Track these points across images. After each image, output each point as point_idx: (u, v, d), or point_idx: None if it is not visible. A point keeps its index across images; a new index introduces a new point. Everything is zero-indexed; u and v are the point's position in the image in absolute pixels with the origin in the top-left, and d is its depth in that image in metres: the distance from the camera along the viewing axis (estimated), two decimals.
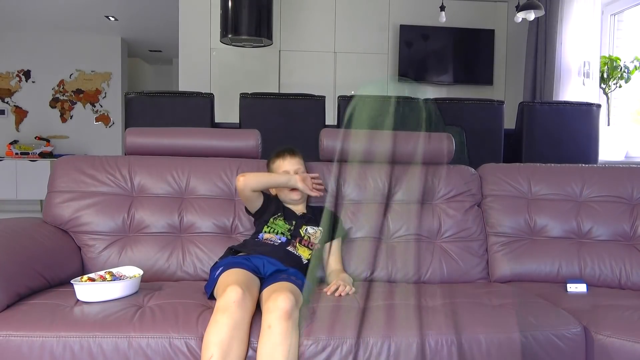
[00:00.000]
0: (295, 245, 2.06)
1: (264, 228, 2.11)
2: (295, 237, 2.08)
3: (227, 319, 1.54)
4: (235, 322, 1.55)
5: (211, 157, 2.42)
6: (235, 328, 1.54)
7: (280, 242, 2.05)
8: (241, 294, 1.59)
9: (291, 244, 2.06)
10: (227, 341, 1.51)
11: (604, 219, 2.35)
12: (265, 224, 2.12)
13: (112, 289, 1.74)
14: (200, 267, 2.17)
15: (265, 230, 2.11)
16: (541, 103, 3.87)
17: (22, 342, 1.52)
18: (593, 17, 4.47)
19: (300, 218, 2.16)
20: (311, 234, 2.12)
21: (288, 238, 2.07)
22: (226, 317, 1.54)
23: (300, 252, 2.05)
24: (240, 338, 1.55)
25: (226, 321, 1.54)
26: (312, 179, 2.21)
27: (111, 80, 8.56)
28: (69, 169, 2.26)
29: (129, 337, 1.55)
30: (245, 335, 1.57)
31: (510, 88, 6.36)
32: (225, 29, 4.74)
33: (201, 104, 3.62)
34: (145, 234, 2.21)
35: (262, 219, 2.15)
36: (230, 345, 1.52)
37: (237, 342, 1.54)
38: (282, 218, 2.14)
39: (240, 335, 1.56)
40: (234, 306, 1.56)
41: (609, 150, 4.26)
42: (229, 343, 1.52)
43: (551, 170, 2.49)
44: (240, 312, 1.57)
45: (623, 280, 2.22)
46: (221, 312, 1.55)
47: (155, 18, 7.37)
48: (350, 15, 6.21)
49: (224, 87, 5.93)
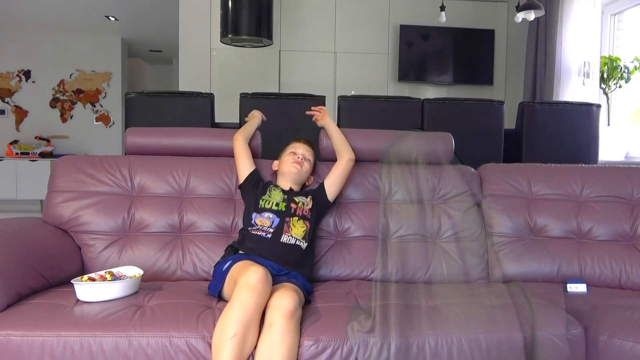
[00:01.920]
0: (290, 226, 2.05)
1: (260, 202, 2.12)
2: (290, 207, 2.09)
3: (253, 298, 1.55)
4: (258, 303, 1.56)
5: (211, 157, 2.43)
6: (257, 310, 1.55)
7: (274, 230, 2.03)
8: (265, 275, 1.61)
9: (285, 226, 2.04)
10: (249, 322, 1.53)
11: (604, 219, 2.35)
12: (262, 195, 2.14)
13: (112, 289, 1.74)
14: (200, 267, 2.17)
15: (262, 202, 2.11)
16: (541, 103, 3.86)
17: (22, 342, 1.52)
18: (593, 17, 4.47)
19: (289, 191, 2.18)
20: (305, 202, 2.16)
21: (282, 210, 2.08)
22: (251, 296, 1.55)
23: (295, 232, 2.05)
24: (257, 322, 1.56)
25: (252, 300, 1.54)
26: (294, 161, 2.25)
27: (111, 80, 8.55)
28: (69, 168, 2.27)
29: (129, 336, 1.56)
30: (258, 323, 1.58)
31: (510, 88, 6.35)
32: (225, 29, 4.74)
33: (201, 104, 3.62)
34: (145, 233, 2.21)
35: (253, 192, 2.17)
36: (250, 328, 1.53)
37: (255, 325, 1.55)
38: (276, 189, 2.18)
39: (257, 319, 1.57)
40: (260, 286, 1.57)
41: (609, 150, 4.26)
42: (250, 325, 1.53)
43: (551, 170, 2.49)
44: (264, 293, 1.58)
45: (623, 280, 2.22)
46: (246, 290, 1.56)
47: (156, 18, 7.37)
48: (351, 15, 6.20)
49: (224, 87, 5.93)
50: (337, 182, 2.26)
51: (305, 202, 2.15)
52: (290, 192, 2.18)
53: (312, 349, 1.57)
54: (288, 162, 2.23)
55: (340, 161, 2.29)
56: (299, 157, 2.24)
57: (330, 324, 1.64)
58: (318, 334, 1.60)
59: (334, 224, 2.32)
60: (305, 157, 2.26)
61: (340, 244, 2.30)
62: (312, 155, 2.33)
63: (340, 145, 2.33)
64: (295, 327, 1.57)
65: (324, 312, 1.72)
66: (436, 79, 6.32)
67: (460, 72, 6.33)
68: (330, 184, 2.25)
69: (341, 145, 2.33)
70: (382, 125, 3.57)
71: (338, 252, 2.27)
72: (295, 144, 2.33)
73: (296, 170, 2.21)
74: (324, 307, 1.77)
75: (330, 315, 1.70)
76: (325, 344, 1.58)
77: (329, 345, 1.58)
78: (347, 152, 2.30)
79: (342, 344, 1.58)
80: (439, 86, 6.38)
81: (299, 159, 2.23)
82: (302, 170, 2.22)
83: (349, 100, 3.73)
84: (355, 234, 2.32)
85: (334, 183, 2.25)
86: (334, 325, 1.63)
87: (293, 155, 2.25)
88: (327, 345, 1.58)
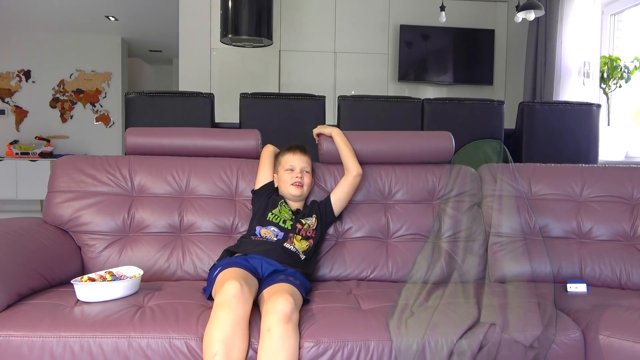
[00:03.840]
0: (292, 240, 2.06)
1: (268, 215, 2.11)
2: (295, 227, 2.09)
3: (228, 315, 1.53)
4: (237, 317, 1.54)
5: (211, 157, 2.42)
6: (236, 323, 1.53)
7: (277, 239, 2.05)
8: (239, 288, 1.58)
9: (289, 238, 2.06)
10: (230, 337, 1.51)
11: (604, 219, 2.35)
12: (273, 209, 2.13)
13: (113, 289, 1.74)
14: (200, 267, 2.16)
15: (270, 216, 2.11)
16: (541, 103, 3.86)
17: (22, 342, 1.52)
18: (593, 17, 4.47)
19: (295, 213, 2.16)
20: (310, 223, 2.14)
21: (288, 228, 2.07)
22: (227, 312, 1.53)
23: (297, 245, 2.05)
24: (242, 334, 1.54)
25: (227, 317, 1.53)
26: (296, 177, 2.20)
27: (111, 80, 8.55)
28: (69, 168, 2.26)
29: (129, 337, 1.56)
30: (246, 331, 1.56)
31: (510, 88, 6.35)
32: (225, 29, 4.74)
33: (201, 104, 3.62)
34: (145, 233, 2.20)
35: (264, 201, 2.17)
36: (234, 342, 1.51)
37: (239, 337, 1.53)
38: (285, 205, 2.15)
39: (242, 330, 1.55)
40: (234, 300, 1.56)
41: (609, 150, 4.26)
42: (232, 339, 1.51)
43: (551, 170, 2.48)
44: (240, 307, 1.56)
45: (623, 280, 2.21)
46: (221, 307, 1.55)
47: (156, 18, 7.36)
48: (351, 15, 6.20)
49: (224, 87, 5.93)
50: (344, 198, 2.24)
51: (310, 224, 2.14)
52: (297, 212, 2.17)
53: (313, 351, 1.57)
54: (287, 184, 2.17)
55: (348, 176, 2.24)
56: (299, 176, 2.17)
57: (331, 325, 1.63)
58: (319, 335, 1.59)
59: (334, 224, 2.31)
60: (304, 171, 2.20)
61: (341, 244, 2.29)
62: (310, 163, 2.27)
63: (348, 159, 2.26)
64: (293, 330, 1.56)
65: (324, 313, 1.71)
66: (436, 79, 6.32)
67: (460, 72, 6.33)
68: (337, 199, 2.22)
69: (349, 159, 2.26)
70: (382, 126, 3.60)
71: (338, 253, 2.26)
72: (290, 156, 2.22)
73: (298, 193, 2.16)
74: (324, 308, 1.76)
75: (330, 316, 1.69)
76: (326, 346, 1.57)
77: (330, 346, 1.57)
78: (355, 167, 2.24)
79: (343, 345, 1.58)
80: (439, 86, 6.38)
81: (299, 178, 2.17)
82: (304, 189, 2.18)
83: (349, 100, 3.73)
84: (356, 234, 2.31)
85: (340, 198, 2.23)
86: (335, 327, 1.62)
87: (291, 173, 2.18)
88: (327, 346, 1.57)
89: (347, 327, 1.63)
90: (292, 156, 2.22)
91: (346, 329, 1.62)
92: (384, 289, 2.00)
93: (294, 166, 2.19)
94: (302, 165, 2.20)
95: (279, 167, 2.25)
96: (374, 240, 2.31)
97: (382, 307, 1.78)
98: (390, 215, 2.35)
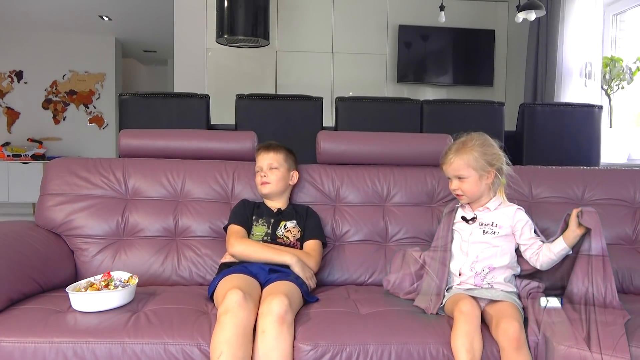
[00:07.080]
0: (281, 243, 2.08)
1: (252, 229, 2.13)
2: (276, 240, 2.08)
3: (231, 319, 1.54)
4: (240, 322, 1.55)
5: (207, 159, 2.41)
6: (240, 327, 1.55)
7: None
8: (242, 296, 1.60)
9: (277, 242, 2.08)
10: (234, 339, 1.52)
11: (606, 222, 2.30)
12: (251, 230, 2.12)
13: (109, 298, 1.70)
14: (195, 272, 2.15)
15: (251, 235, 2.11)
16: (542, 104, 3.87)
17: (14, 348, 1.52)
18: (595, 18, 4.46)
19: (276, 215, 2.15)
20: (290, 228, 2.12)
21: (269, 240, 2.08)
22: (229, 317, 1.55)
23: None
24: (246, 336, 1.56)
25: (231, 321, 1.54)
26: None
27: (105, 81, 8.52)
28: (62, 171, 2.25)
29: (123, 343, 1.55)
30: (250, 337, 1.58)
31: (511, 89, 6.34)
32: (221, 29, 4.72)
33: (196, 105, 3.61)
34: (139, 237, 2.19)
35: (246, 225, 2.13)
36: (238, 344, 1.52)
37: (244, 340, 1.54)
38: (259, 222, 2.13)
39: (247, 334, 1.56)
40: (237, 306, 1.57)
41: (611, 152, 4.24)
42: (236, 341, 1.52)
43: (552, 173, 2.46)
44: (243, 313, 1.57)
45: (626, 284, 2.20)
46: (224, 314, 1.56)
47: (150, 18, 7.35)
48: (349, 15, 6.19)
49: (219, 88, 5.91)
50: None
51: (292, 234, 2.11)
52: (278, 213, 2.15)
53: (311, 354, 1.57)
54: (258, 185, 2.20)
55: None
56: (263, 175, 2.16)
57: (329, 329, 1.64)
58: (317, 338, 1.59)
59: (331, 228, 2.29)
60: (271, 167, 2.17)
61: (339, 248, 2.27)
62: (279, 156, 2.20)
63: None
64: (287, 331, 1.57)
65: (322, 316, 1.71)
66: (435, 80, 6.31)
67: (460, 73, 6.33)
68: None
69: None
70: (380, 127, 3.57)
71: (336, 257, 2.24)
72: (257, 156, 2.23)
73: (266, 191, 2.16)
74: (322, 311, 1.76)
75: (329, 320, 1.69)
76: (324, 349, 1.58)
77: (328, 350, 1.58)
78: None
79: (342, 349, 1.58)
80: (438, 87, 6.37)
81: (264, 177, 2.16)
82: (272, 186, 2.16)
83: (347, 102, 3.72)
84: (353, 238, 2.29)
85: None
86: (333, 330, 1.63)
87: (259, 173, 2.19)
88: (326, 350, 1.58)
89: (345, 331, 1.64)
90: (258, 157, 2.24)
91: (345, 333, 1.63)
92: (382, 295, 2.00)
93: (259, 166, 2.21)
94: (267, 162, 2.18)
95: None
96: (372, 244, 2.29)
97: (381, 311, 1.78)
98: (388, 219, 2.33)
